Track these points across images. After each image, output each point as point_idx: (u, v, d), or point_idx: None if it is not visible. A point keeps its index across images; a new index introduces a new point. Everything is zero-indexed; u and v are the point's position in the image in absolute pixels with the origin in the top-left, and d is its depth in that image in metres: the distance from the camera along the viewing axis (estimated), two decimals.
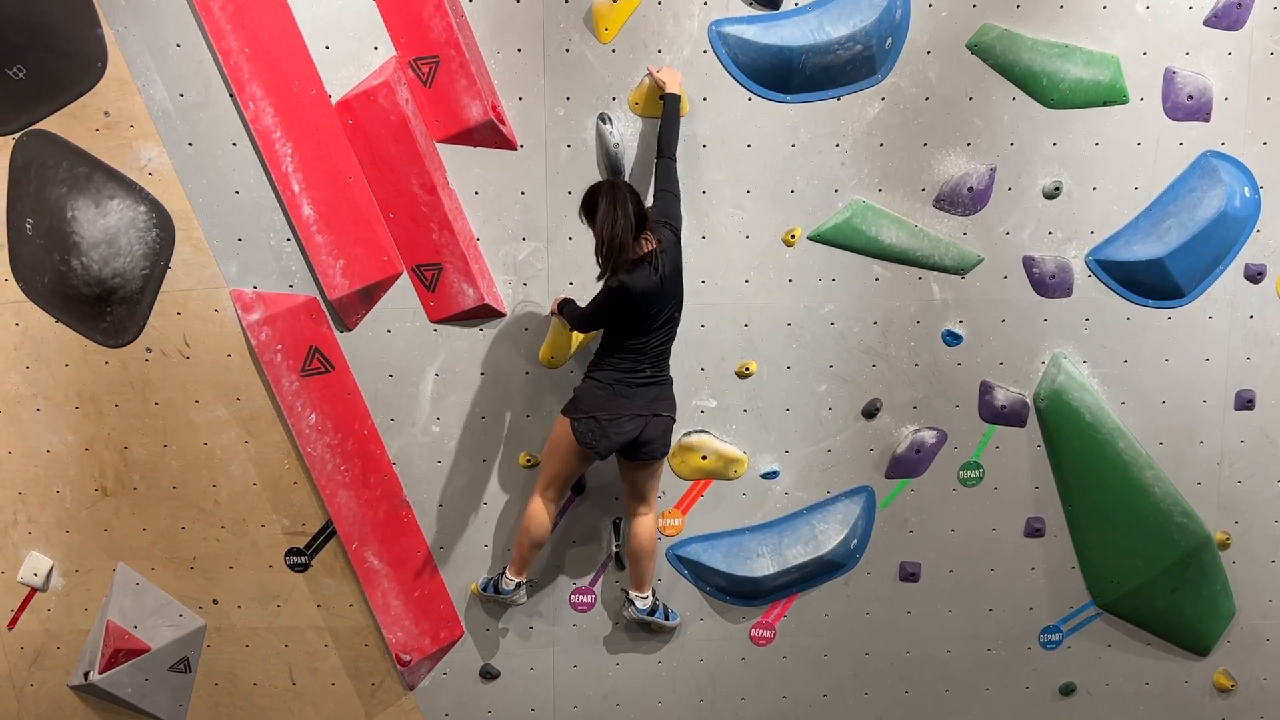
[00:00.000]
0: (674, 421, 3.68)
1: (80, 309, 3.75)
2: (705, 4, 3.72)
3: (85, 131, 3.65)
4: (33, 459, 3.88)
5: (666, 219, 3.51)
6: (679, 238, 3.53)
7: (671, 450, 4.01)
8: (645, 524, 3.80)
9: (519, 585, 3.86)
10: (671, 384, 3.67)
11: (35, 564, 3.94)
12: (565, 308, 3.71)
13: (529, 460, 4.00)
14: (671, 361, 3.66)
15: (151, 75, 3.63)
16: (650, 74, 3.70)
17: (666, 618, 4.02)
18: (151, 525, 3.95)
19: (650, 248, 3.41)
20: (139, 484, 3.91)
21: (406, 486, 3.97)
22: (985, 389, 4.10)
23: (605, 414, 3.53)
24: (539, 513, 3.76)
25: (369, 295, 3.83)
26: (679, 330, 3.64)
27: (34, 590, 3.97)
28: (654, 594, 3.96)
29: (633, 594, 3.93)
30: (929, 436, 4.12)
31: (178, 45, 3.62)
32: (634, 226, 3.31)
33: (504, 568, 3.91)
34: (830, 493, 4.14)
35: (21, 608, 3.98)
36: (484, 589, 3.94)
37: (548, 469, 3.73)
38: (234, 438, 3.89)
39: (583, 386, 3.62)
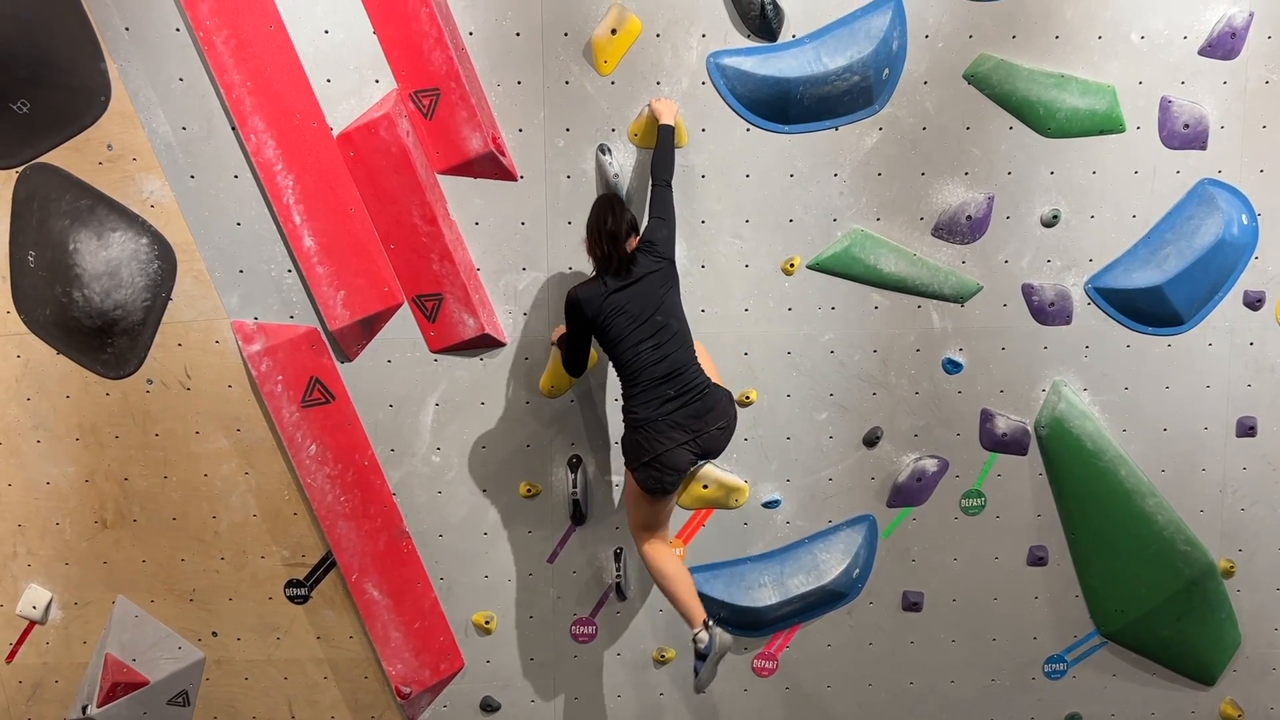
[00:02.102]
0: (732, 426, 3.55)
1: (82, 341, 3.76)
2: (704, 36, 3.76)
3: (88, 165, 3.68)
4: (33, 491, 3.87)
5: (651, 242, 3.51)
6: (663, 258, 3.51)
7: None
8: (667, 550, 3.63)
9: (705, 624, 3.48)
10: (714, 393, 3.50)
11: (34, 597, 3.92)
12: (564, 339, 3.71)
13: (529, 490, 3.99)
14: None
15: (154, 109, 3.66)
16: (650, 106, 3.72)
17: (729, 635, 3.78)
18: (151, 557, 3.94)
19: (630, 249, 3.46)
20: (139, 515, 3.91)
21: (407, 517, 3.97)
22: (986, 417, 4.10)
23: (653, 457, 3.42)
24: (657, 554, 3.59)
25: (370, 326, 3.84)
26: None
27: (33, 623, 3.95)
28: (706, 624, 3.51)
29: (696, 636, 3.49)
30: (930, 465, 4.11)
31: (181, 79, 3.65)
32: (627, 225, 3.43)
33: (692, 639, 3.52)
34: (832, 522, 4.13)
35: (20, 641, 3.96)
36: (696, 675, 3.47)
37: (636, 517, 3.62)
38: (234, 469, 3.89)
39: (625, 437, 3.52)
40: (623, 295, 3.43)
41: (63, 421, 3.83)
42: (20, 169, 3.67)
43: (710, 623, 3.50)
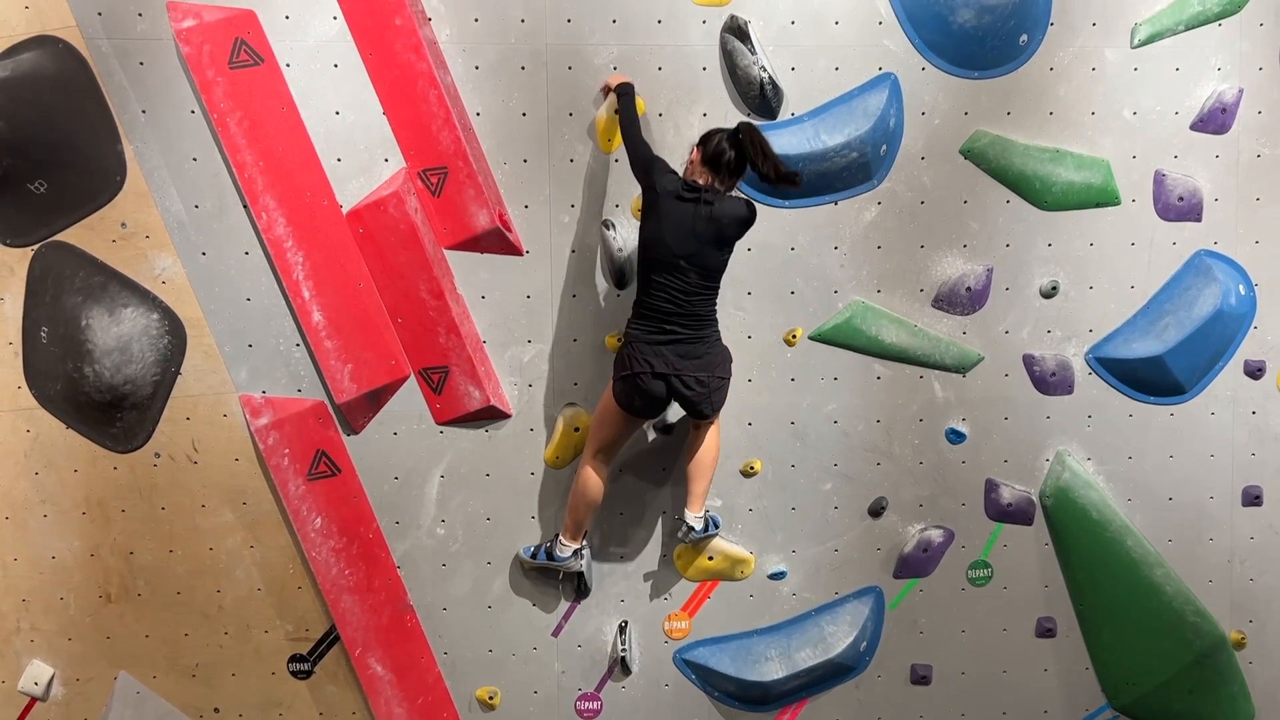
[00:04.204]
0: (721, 380, 3.59)
1: (91, 415, 3.80)
2: (705, 115, 3.85)
3: (102, 242, 3.75)
4: (38, 565, 3.88)
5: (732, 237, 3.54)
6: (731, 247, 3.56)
7: (677, 550, 4.00)
8: (701, 435, 3.75)
9: (575, 551, 3.81)
10: (708, 343, 3.55)
11: (36, 672, 3.90)
12: (626, 95, 3.62)
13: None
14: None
15: (168, 188, 3.75)
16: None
17: (715, 526, 3.93)
18: (155, 632, 3.92)
19: (706, 182, 3.48)
20: (143, 590, 3.90)
21: (411, 591, 3.95)
22: (991, 487, 4.10)
23: (633, 374, 3.49)
24: (591, 477, 3.70)
25: (376, 398, 3.87)
26: None
27: (34, 700, 3.92)
28: (578, 550, 3.85)
29: (689, 516, 3.78)
30: (936, 535, 4.10)
31: (194, 159, 3.74)
32: (731, 161, 3.44)
33: (555, 534, 3.85)
34: (838, 593, 4.11)
35: (21, 718, 3.93)
36: (532, 556, 3.87)
37: (598, 432, 3.68)
38: (239, 542, 3.89)
39: (621, 348, 3.60)
40: (677, 206, 3.44)
41: (70, 495, 3.85)
42: (36, 247, 3.74)
43: (582, 549, 3.86)
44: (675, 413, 3.94)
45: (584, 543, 3.87)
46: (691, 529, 3.78)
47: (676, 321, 3.50)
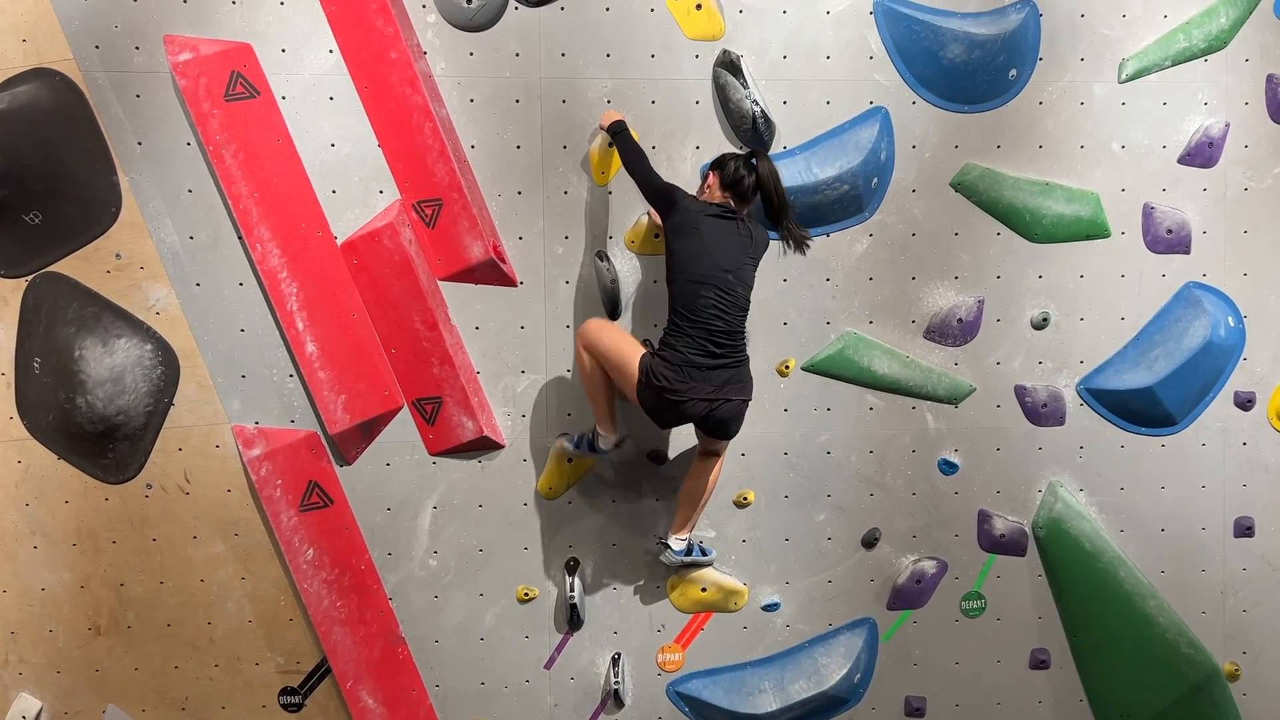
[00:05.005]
0: (747, 403, 3.61)
1: (83, 446, 3.79)
2: (697, 148, 3.88)
3: (96, 273, 3.76)
4: (27, 597, 3.85)
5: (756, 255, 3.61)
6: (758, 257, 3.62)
7: (670, 581, 4.00)
8: (711, 464, 3.75)
9: (617, 444, 3.76)
10: (747, 365, 3.60)
11: (24, 706, 3.86)
12: (621, 134, 3.65)
13: (526, 594, 3.97)
14: None
15: (163, 219, 3.76)
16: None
17: (703, 553, 3.92)
18: (144, 664, 3.89)
19: (734, 206, 3.54)
20: (133, 622, 3.88)
21: (403, 622, 3.94)
22: (983, 518, 4.11)
23: (672, 393, 3.46)
24: (593, 365, 3.63)
25: (369, 429, 3.87)
26: None
27: None
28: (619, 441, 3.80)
29: (671, 538, 3.79)
30: (929, 566, 4.10)
31: (190, 191, 3.75)
32: (750, 187, 3.52)
33: (592, 428, 3.76)
34: (832, 625, 4.10)
35: None
36: (575, 447, 3.78)
37: (606, 362, 3.60)
38: (231, 574, 3.87)
39: (654, 361, 3.51)
40: (718, 223, 3.49)
41: (60, 527, 3.83)
42: (30, 278, 3.75)
43: (623, 440, 3.84)
44: (673, 447, 3.96)
45: (624, 435, 3.84)
46: (669, 548, 3.78)
47: (724, 340, 3.50)
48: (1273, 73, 4.05)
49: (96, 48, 3.66)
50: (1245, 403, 4.12)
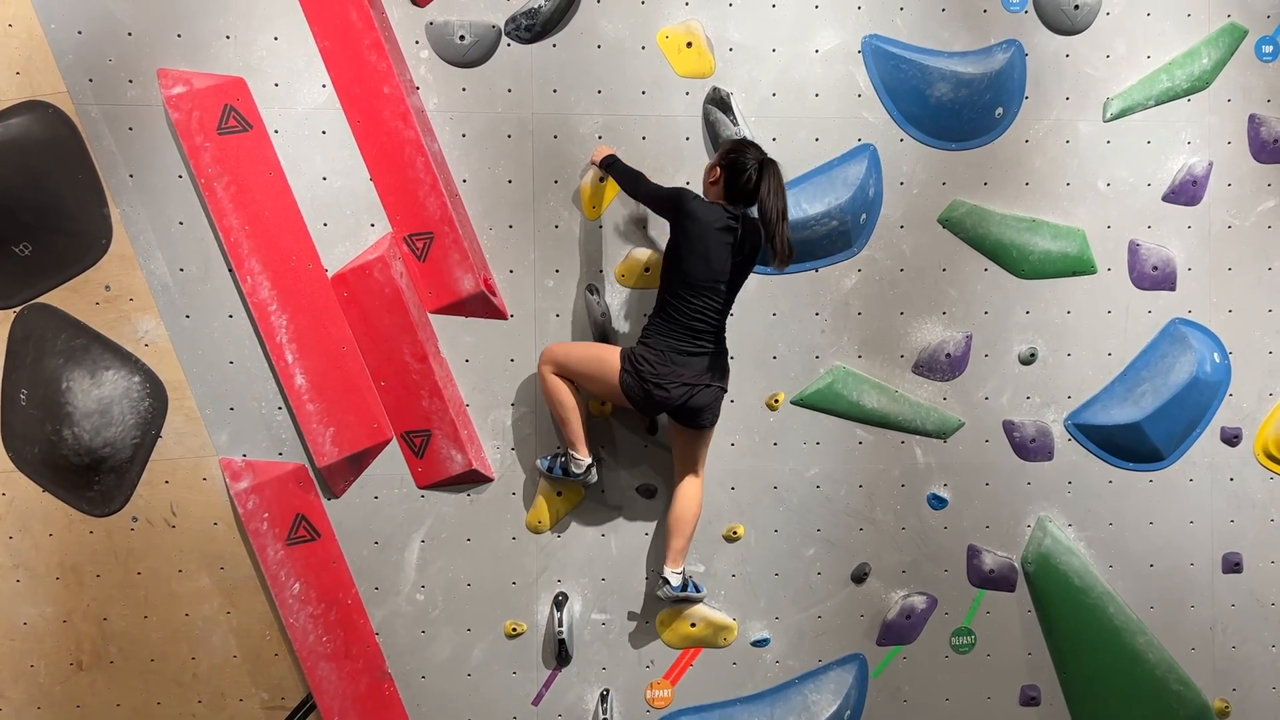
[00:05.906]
0: (724, 391, 3.68)
1: (68, 478, 3.76)
2: (687, 183, 3.91)
3: (85, 305, 3.75)
4: (9, 632, 3.80)
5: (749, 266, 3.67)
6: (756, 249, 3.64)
7: (659, 617, 3.97)
8: (692, 486, 3.78)
9: (589, 466, 3.76)
10: (725, 355, 3.68)
11: None
12: (614, 163, 3.71)
13: (514, 629, 3.94)
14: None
15: (153, 251, 3.76)
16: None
17: (696, 589, 3.89)
18: (126, 701, 3.84)
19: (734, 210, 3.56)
20: (116, 657, 3.83)
21: (389, 658, 3.90)
22: (973, 553, 4.10)
23: (654, 378, 3.54)
24: (559, 385, 3.70)
25: (358, 462, 3.86)
26: None
27: None
28: (591, 463, 3.80)
29: (667, 572, 3.78)
30: (919, 602, 4.09)
31: (180, 223, 3.76)
32: (751, 191, 3.50)
33: (564, 450, 3.80)
34: (821, 661, 4.08)
35: None
36: (548, 470, 3.83)
37: (582, 371, 3.67)
38: (216, 608, 3.84)
39: (635, 349, 3.60)
40: (723, 235, 3.52)
41: (44, 560, 3.79)
42: (18, 309, 3.74)
43: (595, 464, 3.80)
44: (662, 482, 3.95)
45: (597, 458, 3.86)
46: (668, 583, 3.77)
47: (706, 337, 3.59)
48: (1255, 113, 4.12)
49: (90, 80, 3.68)
50: (1232, 438, 4.15)
